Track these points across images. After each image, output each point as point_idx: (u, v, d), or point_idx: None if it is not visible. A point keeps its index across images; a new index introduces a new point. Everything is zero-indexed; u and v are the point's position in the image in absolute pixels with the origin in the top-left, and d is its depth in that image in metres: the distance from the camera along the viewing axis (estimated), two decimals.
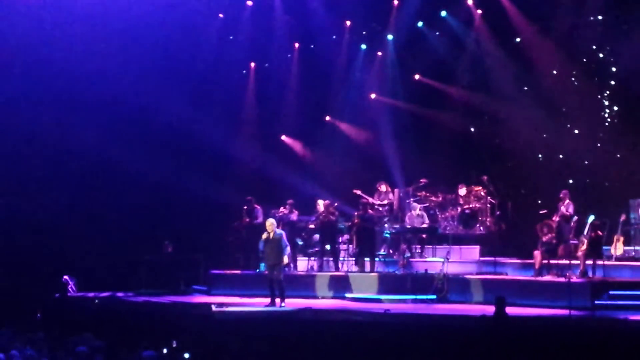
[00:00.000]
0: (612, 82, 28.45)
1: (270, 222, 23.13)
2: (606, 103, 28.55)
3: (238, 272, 27.01)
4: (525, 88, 29.41)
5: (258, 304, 23.14)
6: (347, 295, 24.43)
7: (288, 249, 23.06)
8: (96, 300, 25.42)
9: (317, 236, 26.87)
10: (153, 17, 28.56)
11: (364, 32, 31.74)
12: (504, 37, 29.30)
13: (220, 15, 30.84)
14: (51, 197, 28.71)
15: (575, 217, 23.86)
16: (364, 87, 32.11)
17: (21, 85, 28.21)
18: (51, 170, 29.30)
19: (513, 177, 29.09)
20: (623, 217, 24.10)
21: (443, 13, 30.22)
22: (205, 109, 30.34)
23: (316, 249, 26.80)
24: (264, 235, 22.91)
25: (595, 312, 20.41)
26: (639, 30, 27.23)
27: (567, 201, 24.42)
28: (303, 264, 27.12)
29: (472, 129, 30.27)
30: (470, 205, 27.22)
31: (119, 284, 26.81)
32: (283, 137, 32.65)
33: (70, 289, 26.66)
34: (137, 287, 26.74)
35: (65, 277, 26.70)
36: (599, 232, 22.85)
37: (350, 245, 26.65)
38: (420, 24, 30.76)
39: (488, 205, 27.17)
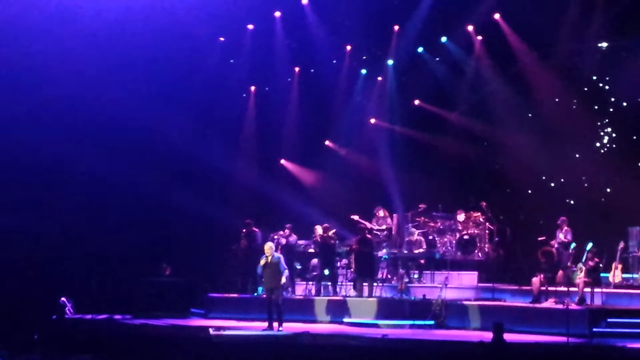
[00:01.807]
0: (611, 109, 28.56)
1: (269, 246, 23.15)
2: (606, 130, 28.63)
3: (236, 295, 26.96)
4: (525, 114, 29.50)
5: (256, 327, 23.11)
6: (345, 319, 24.40)
7: (286, 272, 23.04)
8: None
9: (315, 260, 26.85)
10: (154, 40, 28.62)
11: (364, 57, 31.87)
12: (504, 63, 29.44)
13: (221, 39, 30.90)
14: (49, 219, 28.64)
15: (574, 244, 23.87)
16: (364, 111, 32.23)
17: (21, 106, 28.19)
18: (49, 191, 29.23)
19: (512, 204, 29.18)
20: (622, 245, 24.11)
21: (443, 39, 30.35)
22: (206, 131, 30.42)
23: (314, 273, 26.78)
24: (262, 260, 22.91)
25: (593, 340, 20.36)
26: (638, 58, 27.38)
27: (565, 228, 24.48)
28: (301, 288, 27.10)
29: (471, 155, 30.29)
30: (469, 231, 27.26)
31: (117, 306, 26.72)
32: (283, 161, 32.70)
33: (67, 311, 26.58)
34: (134, 309, 26.64)
35: (63, 299, 26.62)
36: (597, 259, 22.87)
37: (349, 270, 26.63)
38: (420, 49, 30.93)
39: (486, 231, 27.20)
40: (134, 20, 28.34)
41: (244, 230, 27.28)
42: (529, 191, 29.41)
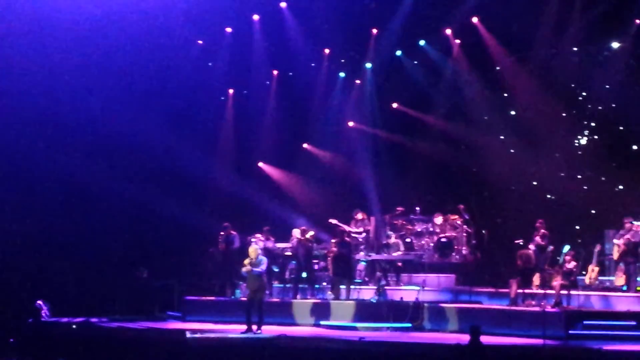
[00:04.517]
0: (588, 113, 28.68)
1: (254, 249, 23.09)
2: (584, 133, 28.76)
3: (213, 298, 26.89)
4: (503, 118, 29.58)
5: (233, 330, 23.05)
6: (323, 322, 24.36)
7: (262, 269, 22.83)
8: (74, 326, 25.15)
9: (293, 263, 26.82)
10: (132, 43, 28.56)
11: (342, 60, 31.86)
12: (482, 66, 29.50)
13: (200, 42, 30.86)
14: (25, 222, 28.52)
15: (551, 247, 23.96)
16: (342, 114, 32.22)
17: None
18: (25, 194, 29.10)
19: (489, 206, 29.21)
20: (598, 248, 24.17)
21: (422, 42, 30.40)
22: (184, 134, 30.33)
23: (292, 276, 26.73)
24: (247, 261, 22.81)
25: (569, 342, 20.45)
26: (614, 61, 27.53)
27: (542, 231, 24.49)
28: (279, 291, 27.03)
29: (449, 158, 30.33)
30: (447, 234, 27.31)
31: (93, 309, 26.63)
32: (260, 164, 32.66)
33: (43, 314, 26.41)
34: (111, 312, 26.57)
35: (39, 302, 26.46)
36: (574, 262, 22.94)
37: (327, 273, 26.62)
38: (398, 52, 30.96)
39: (464, 234, 27.26)
40: (112, 23, 28.28)
41: (222, 233, 27.23)
42: (507, 194, 29.45)
